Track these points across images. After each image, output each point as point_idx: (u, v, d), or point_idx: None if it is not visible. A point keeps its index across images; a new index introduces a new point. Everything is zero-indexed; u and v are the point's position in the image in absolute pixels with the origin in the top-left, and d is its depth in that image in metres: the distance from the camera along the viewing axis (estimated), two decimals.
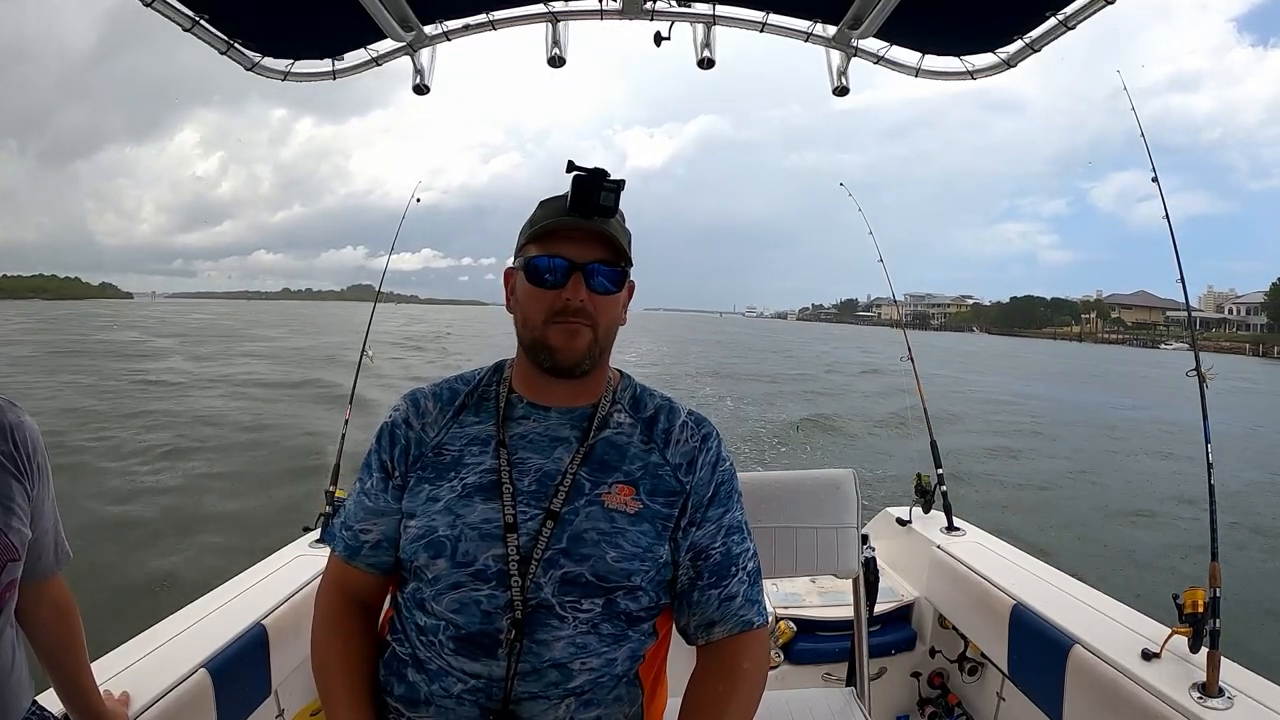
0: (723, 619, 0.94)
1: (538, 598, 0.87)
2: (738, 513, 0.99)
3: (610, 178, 0.90)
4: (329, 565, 1.02)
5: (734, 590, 0.95)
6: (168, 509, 6.52)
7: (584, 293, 0.90)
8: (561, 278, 0.90)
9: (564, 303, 0.90)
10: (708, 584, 0.94)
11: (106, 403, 12.39)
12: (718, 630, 0.94)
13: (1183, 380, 1.63)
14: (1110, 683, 1.40)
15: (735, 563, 0.96)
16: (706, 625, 0.95)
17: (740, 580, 0.96)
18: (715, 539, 0.96)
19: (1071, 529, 7.50)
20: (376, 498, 0.97)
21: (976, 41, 1.75)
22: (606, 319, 0.94)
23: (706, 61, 1.85)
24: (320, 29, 1.77)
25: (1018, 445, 12.27)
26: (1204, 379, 1.59)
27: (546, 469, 0.92)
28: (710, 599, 0.94)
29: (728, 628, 0.94)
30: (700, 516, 0.96)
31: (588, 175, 0.89)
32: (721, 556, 0.95)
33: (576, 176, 0.89)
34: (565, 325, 0.91)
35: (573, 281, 0.90)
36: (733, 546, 0.97)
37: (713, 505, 0.96)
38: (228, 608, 1.56)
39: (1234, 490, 9.00)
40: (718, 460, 0.99)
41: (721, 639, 0.95)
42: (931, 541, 2.16)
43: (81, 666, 1.09)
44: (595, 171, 0.89)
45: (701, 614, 0.95)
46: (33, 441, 0.96)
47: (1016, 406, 18.03)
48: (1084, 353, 70.15)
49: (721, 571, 0.95)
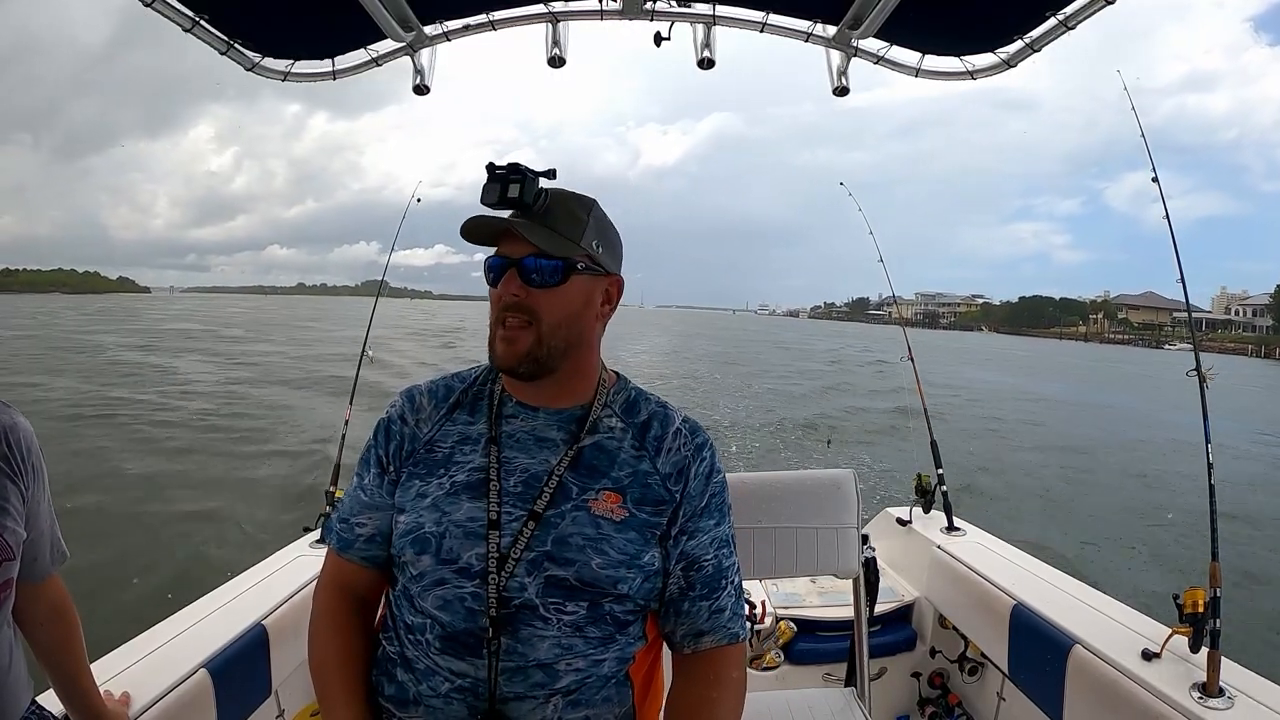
0: (712, 630, 0.95)
1: (521, 598, 0.86)
2: (727, 526, 1.00)
3: (520, 169, 0.89)
4: (326, 561, 1.02)
5: (723, 604, 0.96)
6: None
7: (517, 286, 0.90)
8: (497, 276, 0.91)
9: (500, 299, 0.91)
10: (699, 595, 0.95)
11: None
12: (707, 640, 0.96)
13: (1161, 376, 1.62)
14: (1110, 683, 1.40)
15: (725, 575, 0.97)
16: (695, 635, 0.96)
17: (729, 594, 0.97)
18: (708, 550, 0.96)
19: (1063, 524, 7.57)
20: (372, 492, 0.97)
21: (976, 41, 1.75)
22: (552, 314, 0.90)
23: (706, 62, 1.85)
24: (320, 29, 1.77)
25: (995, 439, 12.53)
26: (1204, 379, 1.59)
27: (533, 470, 0.92)
28: (701, 610, 0.95)
29: (717, 639, 0.96)
30: (693, 527, 0.95)
31: (499, 171, 0.89)
32: (713, 569, 0.96)
33: (489, 174, 0.89)
34: (504, 329, 0.91)
35: (506, 278, 0.90)
36: (723, 559, 0.97)
37: (705, 516, 0.96)
38: (228, 608, 1.56)
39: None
40: (711, 471, 0.98)
41: (710, 649, 0.96)
42: (932, 541, 2.16)
43: (80, 667, 1.09)
44: (509, 166, 0.89)
45: (690, 624, 0.96)
46: (27, 442, 0.97)
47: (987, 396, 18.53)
48: (1082, 351, 70.78)
49: (713, 584, 0.96)
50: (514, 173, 0.88)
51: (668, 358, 27.93)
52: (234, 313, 60.33)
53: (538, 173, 0.90)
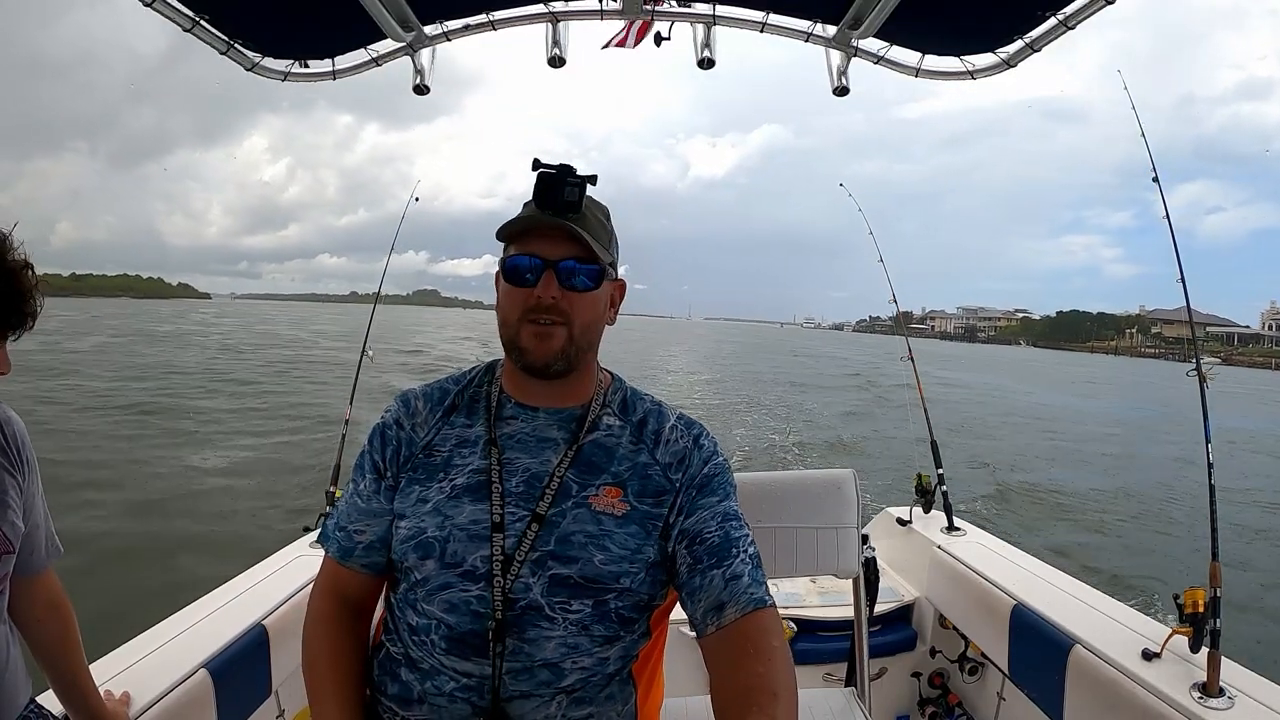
0: (732, 598, 0.84)
1: (526, 599, 0.86)
2: (733, 504, 0.95)
3: (575, 173, 0.89)
4: (323, 567, 1.01)
5: (739, 570, 0.87)
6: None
7: (555, 289, 0.89)
8: (534, 275, 0.90)
9: (536, 300, 0.90)
10: (709, 565, 0.87)
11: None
12: (729, 611, 0.84)
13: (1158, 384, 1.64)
14: (1111, 683, 1.40)
15: (736, 545, 0.89)
16: (715, 608, 0.85)
17: (743, 561, 0.88)
18: (710, 524, 0.91)
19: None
20: (370, 499, 0.96)
21: (976, 41, 1.75)
22: (583, 317, 0.92)
23: (706, 61, 1.85)
24: (320, 29, 1.77)
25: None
26: (1204, 379, 1.59)
27: (535, 470, 0.92)
28: (714, 579, 0.86)
29: (740, 607, 0.84)
30: (692, 505, 0.93)
31: (552, 171, 0.89)
32: (720, 539, 0.89)
33: (541, 173, 0.89)
34: (537, 326, 0.90)
35: (544, 279, 0.90)
36: (731, 531, 0.90)
37: (705, 494, 0.94)
38: (228, 608, 1.56)
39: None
40: (711, 456, 0.97)
41: (736, 619, 0.83)
42: (932, 541, 2.16)
43: (78, 664, 1.08)
44: (560, 168, 0.89)
45: (708, 597, 0.86)
46: (21, 436, 0.97)
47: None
48: (1105, 362, 71.92)
49: (721, 553, 0.88)
50: (570, 176, 0.89)
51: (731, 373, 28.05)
52: (330, 318, 62.29)
53: (585, 177, 0.91)
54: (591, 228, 0.92)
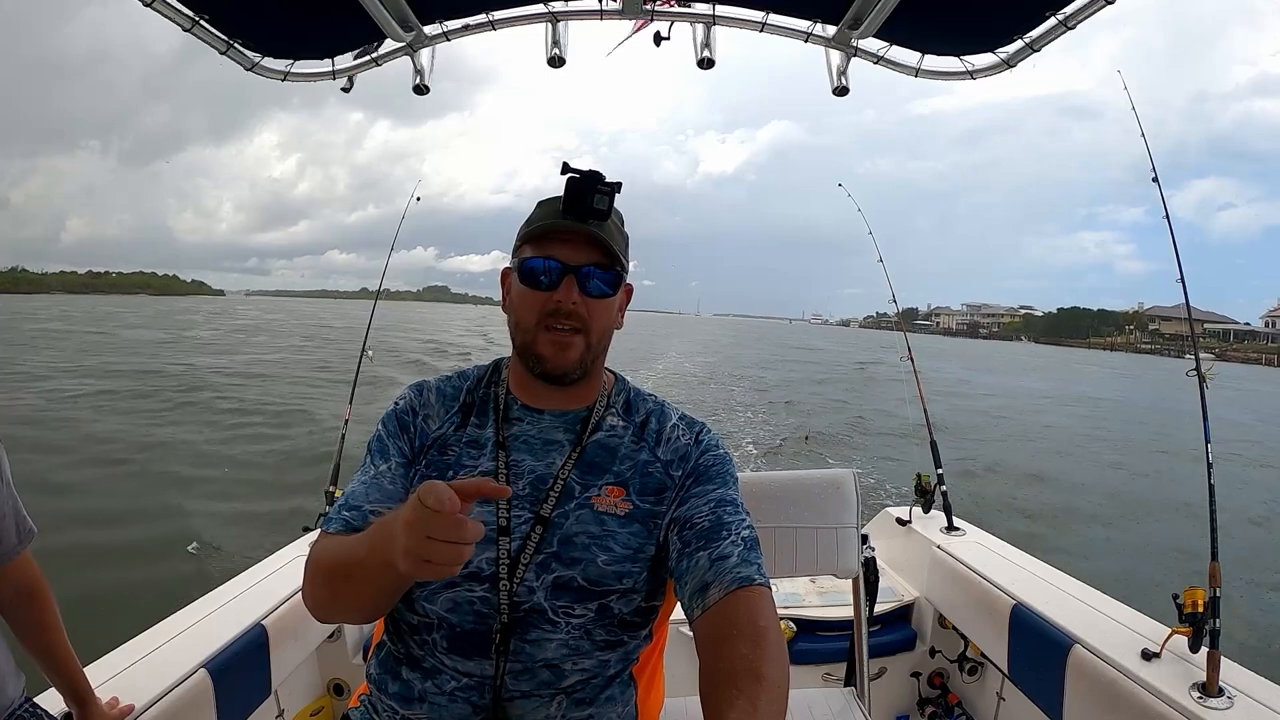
0: (717, 578, 0.81)
1: (530, 601, 0.86)
2: (732, 492, 0.93)
3: (605, 180, 0.89)
4: (317, 543, 0.90)
5: (726, 551, 0.83)
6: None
7: (576, 295, 0.89)
8: (554, 280, 0.90)
9: (555, 305, 0.89)
10: (695, 548, 0.85)
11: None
12: (713, 591, 0.80)
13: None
14: (1110, 683, 1.40)
15: (727, 528, 0.86)
16: (700, 590, 0.81)
17: (734, 544, 0.84)
18: (701, 509, 0.89)
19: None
20: (395, 481, 0.91)
21: (976, 41, 1.75)
22: (600, 323, 0.92)
23: (706, 61, 1.85)
24: (320, 29, 1.77)
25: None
26: (1204, 379, 1.59)
27: (540, 472, 0.92)
28: (699, 560, 0.83)
29: (724, 585, 0.80)
30: (686, 494, 0.92)
31: (582, 177, 0.88)
32: (710, 523, 0.87)
33: (570, 179, 0.88)
34: (556, 335, 0.90)
35: (565, 284, 0.89)
36: (724, 515, 0.88)
37: (700, 482, 0.93)
38: (228, 608, 1.56)
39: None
40: (710, 448, 0.97)
41: (719, 599, 0.80)
42: (931, 541, 2.16)
43: (61, 647, 1.08)
44: (589, 174, 0.89)
45: (694, 579, 0.83)
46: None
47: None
48: (1097, 358, 72.48)
49: (710, 535, 0.85)
50: (600, 184, 0.88)
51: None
52: (357, 315, 63.90)
53: (613, 185, 0.90)
54: (612, 234, 0.92)
